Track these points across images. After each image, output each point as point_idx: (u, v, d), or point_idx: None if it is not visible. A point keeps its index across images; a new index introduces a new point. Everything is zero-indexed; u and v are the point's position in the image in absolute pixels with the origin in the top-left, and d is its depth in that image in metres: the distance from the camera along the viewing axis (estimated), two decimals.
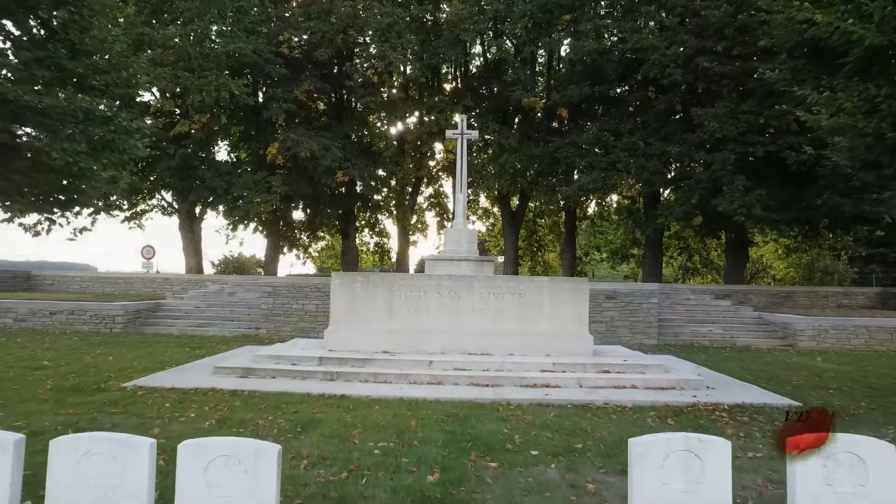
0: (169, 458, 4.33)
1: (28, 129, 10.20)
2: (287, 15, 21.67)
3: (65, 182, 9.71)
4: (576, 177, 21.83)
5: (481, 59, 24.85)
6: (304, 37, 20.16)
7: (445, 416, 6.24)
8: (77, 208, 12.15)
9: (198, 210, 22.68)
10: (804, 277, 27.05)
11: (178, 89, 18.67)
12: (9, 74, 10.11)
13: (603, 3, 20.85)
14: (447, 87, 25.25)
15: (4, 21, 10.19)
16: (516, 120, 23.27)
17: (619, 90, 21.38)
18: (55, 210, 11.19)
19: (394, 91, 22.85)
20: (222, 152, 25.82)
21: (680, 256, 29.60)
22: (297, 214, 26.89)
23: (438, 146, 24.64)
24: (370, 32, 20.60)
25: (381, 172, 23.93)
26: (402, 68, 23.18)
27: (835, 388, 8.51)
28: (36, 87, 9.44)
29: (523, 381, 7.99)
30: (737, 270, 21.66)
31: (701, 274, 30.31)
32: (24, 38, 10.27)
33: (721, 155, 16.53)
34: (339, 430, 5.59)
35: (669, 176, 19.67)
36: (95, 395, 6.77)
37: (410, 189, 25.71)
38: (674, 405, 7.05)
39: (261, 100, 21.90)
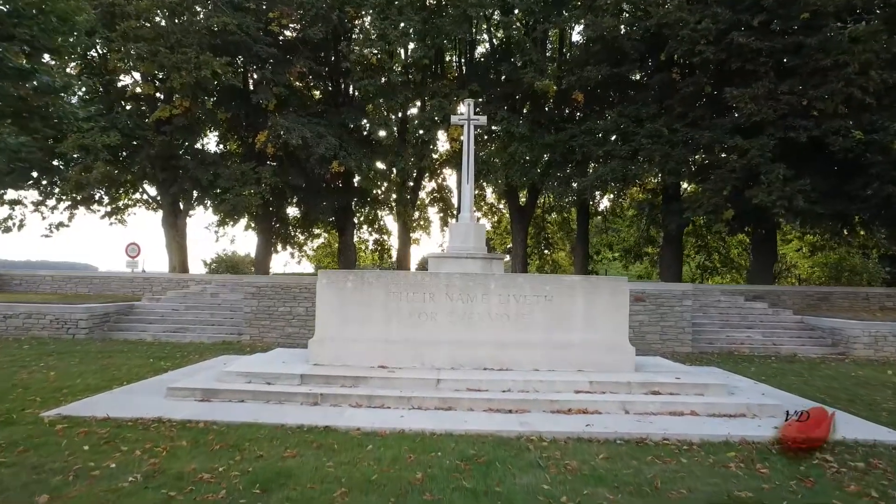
0: None
1: None
2: None
3: None
4: (591, 168, 20.11)
5: (488, 41, 23.14)
6: (299, 12, 18.37)
7: (461, 462, 4.66)
8: None
9: (182, 204, 20.95)
10: (831, 277, 25.31)
11: (156, 70, 16.92)
12: None
13: None
14: (451, 71, 23.54)
15: None
16: (526, 107, 21.56)
17: (640, 72, 19.63)
18: None
19: (394, 75, 21.14)
20: (211, 143, 24.21)
21: (698, 255, 27.82)
22: (292, 210, 25.22)
23: (442, 136, 22.96)
24: (369, 9, 18.90)
25: (380, 165, 22.26)
26: (402, 52, 21.48)
27: None
28: None
29: (554, 406, 6.43)
30: (764, 270, 19.92)
31: (720, 273, 28.53)
32: None
33: (759, 140, 14.77)
34: (315, 491, 3.97)
35: (697, 165, 17.89)
36: None
37: (412, 183, 23.99)
38: (755, 441, 5.46)
39: (251, 87, 20.19)
